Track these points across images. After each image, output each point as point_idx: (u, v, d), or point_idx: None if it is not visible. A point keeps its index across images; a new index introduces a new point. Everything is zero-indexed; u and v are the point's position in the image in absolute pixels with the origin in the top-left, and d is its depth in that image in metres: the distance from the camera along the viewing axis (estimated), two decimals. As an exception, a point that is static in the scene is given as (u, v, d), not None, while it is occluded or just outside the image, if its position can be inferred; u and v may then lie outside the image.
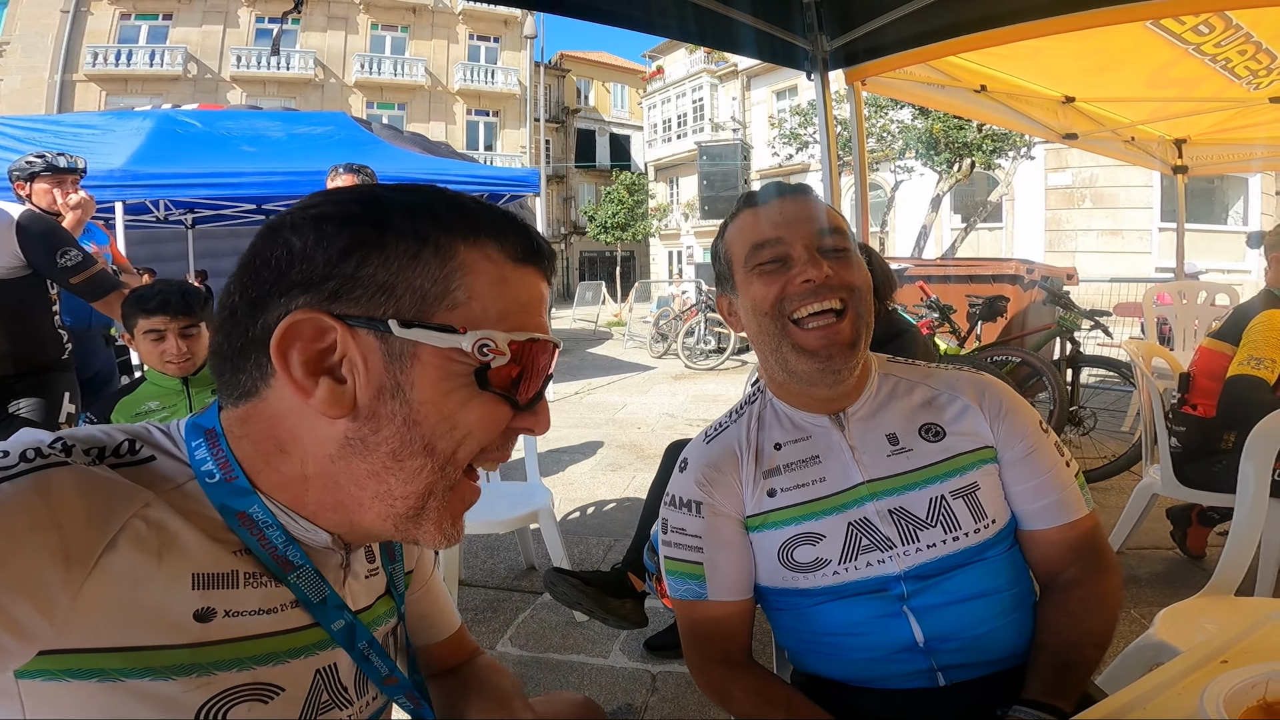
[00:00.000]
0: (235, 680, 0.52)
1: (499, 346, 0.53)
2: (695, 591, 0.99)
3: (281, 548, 0.55)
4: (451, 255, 0.53)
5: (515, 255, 0.56)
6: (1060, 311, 4.03)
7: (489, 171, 8.26)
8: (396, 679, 0.65)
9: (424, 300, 0.52)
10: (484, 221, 0.55)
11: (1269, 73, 2.90)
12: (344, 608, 0.59)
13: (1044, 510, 0.96)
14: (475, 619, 2.38)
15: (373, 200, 0.54)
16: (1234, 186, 15.81)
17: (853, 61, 2.68)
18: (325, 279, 0.51)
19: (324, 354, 0.51)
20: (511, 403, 0.56)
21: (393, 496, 0.54)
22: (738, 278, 0.97)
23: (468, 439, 0.54)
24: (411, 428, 0.52)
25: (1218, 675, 0.65)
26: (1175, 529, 2.69)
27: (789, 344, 0.92)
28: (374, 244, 0.52)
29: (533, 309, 0.57)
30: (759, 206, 0.98)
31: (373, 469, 0.53)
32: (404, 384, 0.52)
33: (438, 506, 0.56)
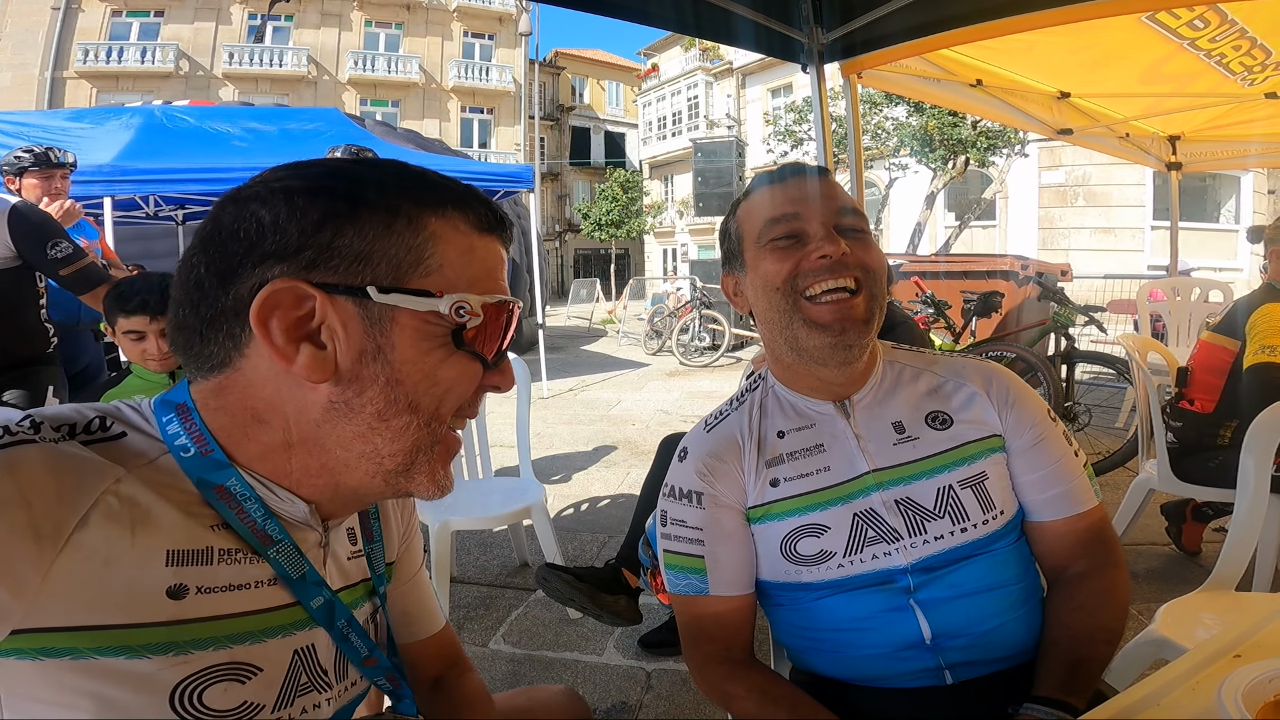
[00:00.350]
0: (212, 659, 0.52)
1: (473, 308, 0.57)
2: (696, 586, 0.96)
3: (260, 521, 0.55)
4: (423, 226, 0.56)
5: (479, 225, 0.59)
6: (1054, 307, 4.03)
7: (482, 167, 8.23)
8: (376, 660, 0.65)
9: (399, 268, 0.54)
10: (449, 195, 0.58)
11: (1264, 68, 2.90)
12: (323, 584, 0.60)
13: (1052, 501, 0.94)
14: (467, 616, 2.35)
15: (342, 173, 0.56)
16: (1226, 185, 15.91)
17: (848, 54, 2.67)
18: (301, 249, 0.53)
19: (303, 321, 0.52)
20: (482, 361, 0.59)
21: (380, 455, 0.56)
22: (748, 254, 0.95)
23: (448, 395, 0.57)
24: (394, 387, 0.55)
25: (1232, 670, 0.63)
26: (1170, 525, 2.68)
27: (800, 319, 0.90)
28: (347, 216, 0.54)
29: (497, 274, 0.60)
30: (775, 184, 0.95)
31: (359, 430, 0.55)
32: (384, 346, 0.54)
33: (427, 460, 0.58)
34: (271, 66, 22.17)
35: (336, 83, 23.15)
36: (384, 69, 23.76)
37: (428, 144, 9.62)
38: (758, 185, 0.98)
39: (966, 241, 14.60)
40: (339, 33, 23.29)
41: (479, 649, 2.16)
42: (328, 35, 23.13)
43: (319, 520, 0.61)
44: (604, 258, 28.45)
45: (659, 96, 26.44)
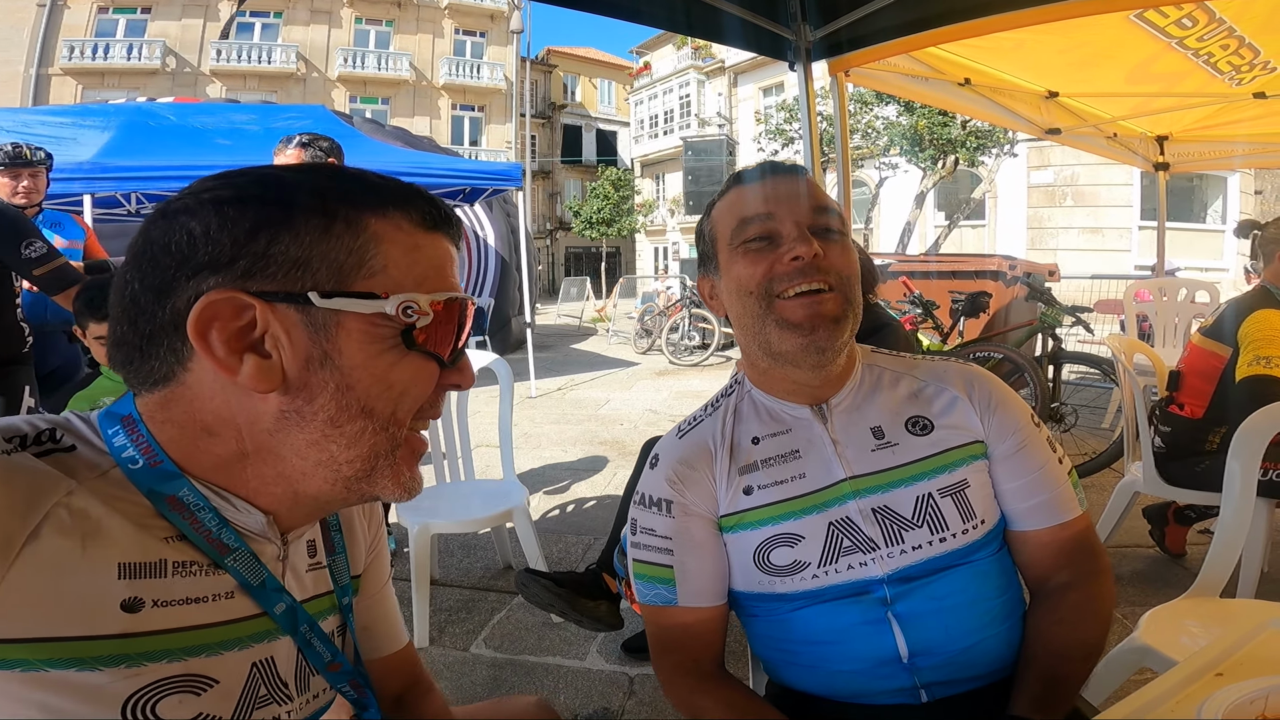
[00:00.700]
0: (166, 671, 0.51)
1: (422, 307, 0.56)
2: (664, 597, 0.93)
3: (216, 530, 0.55)
4: (363, 228, 0.54)
5: (423, 223, 0.58)
6: (1042, 308, 4.03)
7: (471, 165, 8.20)
8: (340, 665, 0.64)
9: (341, 271, 0.53)
10: (389, 195, 0.57)
11: (1251, 68, 2.90)
12: (283, 590, 0.60)
13: (1035, 510, 0.92)
14: (449, 620, 2.33)
15: (272, 181, 0.55)
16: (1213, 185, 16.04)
17: (836, 52, 2.65)
18: (235, 259, 0.51)
19: (244, 331, 0.51)
20: (438, 360, 0.58)
21: (337, 462, 0.55)
22: (722, 256, 0.92)
23: (404, 398, 0.56)
24: (346, 393, 0.54)
25: (1214, 690, 0.61)
26: (1153, 528, 2.67)
27: (773, 320, 0.87)
28: (281, 223, 0.53)
29: (446, 271, 0.59)
30: (748, 183, 0.93)
31: (312, 438, 0.54)
32: (331, 352, 0.53)
33: (388, 464, 0.57)
34: (259, 63, 22.03)
35: (326, 80, 23.02)
36: (374, 66, 23.65)
37: (416, 141, 9.56)
38: (731, 185, 0.95)
39: (956, 241, 14.66)
40: (329, 29, 23.16)
41: (460, 653, 2.13)
42: (317, 32, 22.99)
43: (277, 533, 0.60)
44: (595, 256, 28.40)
45: (651, 95, 26.42)
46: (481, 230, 9.79)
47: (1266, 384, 2.03)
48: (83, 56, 20.17)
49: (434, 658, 2.11)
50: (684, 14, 2.50)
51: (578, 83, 32.70)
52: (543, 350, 9.49)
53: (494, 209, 9.58)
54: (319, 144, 2.36)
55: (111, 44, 20.52)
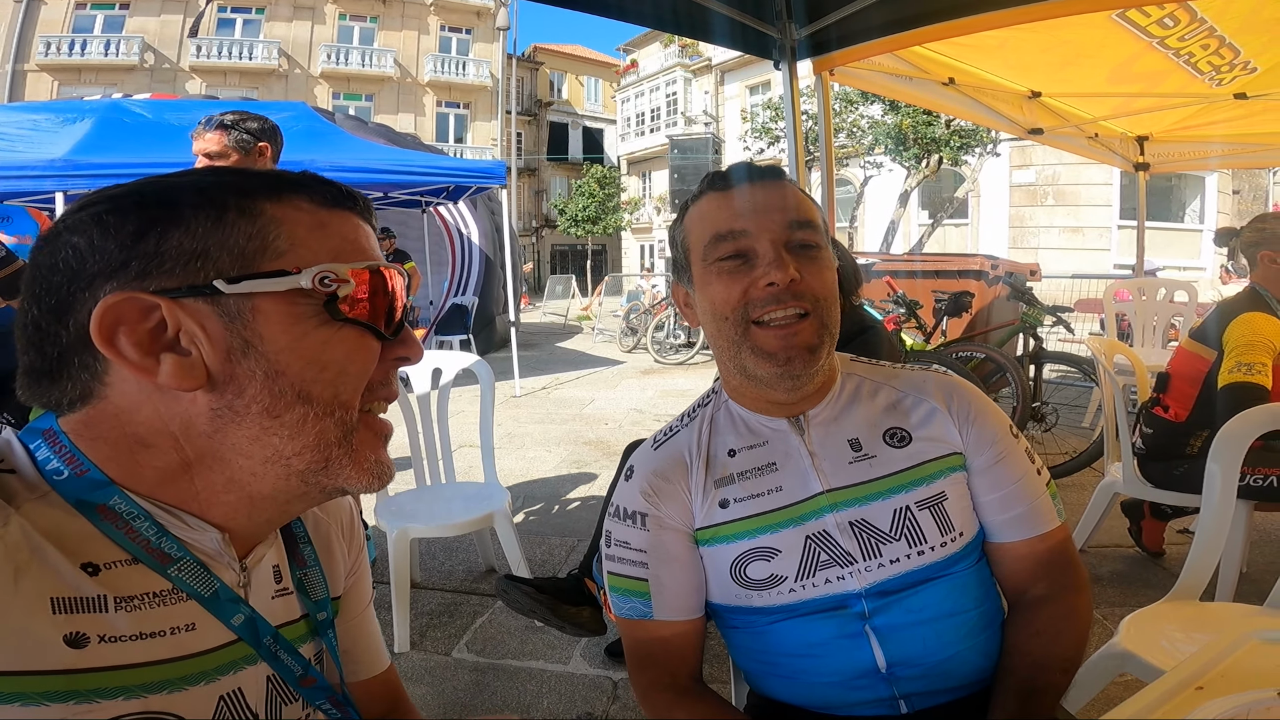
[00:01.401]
0: (123, 709, 0.48)
1: (341, 275, 0.53)
2: (640, 610, 0.91)
3: (155, 540, 0.52)
4: (259, 213, 0.53)
5: (325, 201, 0.56)
6: (1023, 307, 4.05)
7: (454, 163, 8.13)
8: (314, 679, 0.61)
9: (244, 256, 0.51)
10: (282, 181, 0.55)
11: (1231, 69, 2.92)
12: (239, 600, 0.56)
13: (1012, 522, 0.90)
14: (430, 624, 2.30)
15: (149, 187, 0.53)
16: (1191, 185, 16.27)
17: (821, 51, 2.64)
18: (126, 263, 0.50)
19: (156, 332, 0.50)
20: (376, 333, 0.56)
21: (284, 456, 0.53)
22: (695, 270, 0.89)
23: (343, 377, 0.54)
24: (276, 379, 0.51)
25: (1195, 705, 0.59)
26: (1131, 524, 2.69)
27: (748, 347, 0.85)
28: (169, 220, 0.51)
29: (363, 244, 0.57)
30: (723, 191, 0.88)
31: (252, 433, 0.52)
32: (251, 339, 0.51)
33: (344, 452, 0.55)
34: (240, 59, 21.82)
35: (308, 76, 22.81)
36: (358, 62, 23.46)
37: (400, 138, 9.48)
38: (704, 190, 0.91)
39: (940, 240, 14.77)
40: (312, 25, 22.95)
41: (442, 658, 2.11)
42: (300, 28, 22.77)
43: (234, 556, 0.57)
44: (581, 254, 28.34)
45: (638, 93, 26.39)
46: (465, 228, 9.72)
47: (1246, 391, 2.00)
48: (59, 53, 20.01)
49: (415, 662, 2.08)
50: (670, 12, 2.49)
51: (564, 80, 32.61)
52: (527, 349, 9.45)
53: (478, 207, 9.52)
54: (245, 125, 2.07)
55: (89, 40, 20.37)
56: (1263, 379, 2.01)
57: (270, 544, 0.62)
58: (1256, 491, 1.96)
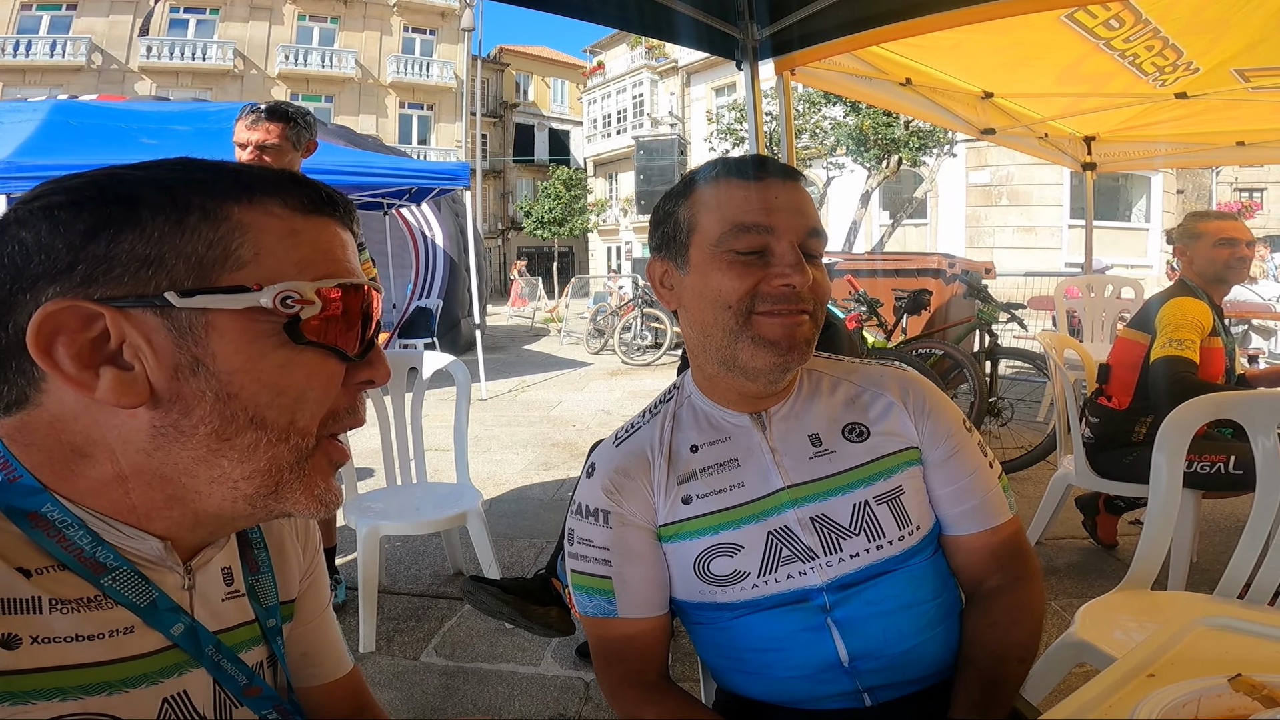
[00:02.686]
0: (59, 710, 0.46)
1: (305, 295, 0.49)
2: (604, 608, 0.91)
3: (89, 549, 0.49)
4: (224, 217, 0.49)
5: (301, 207, 0.52)
6: (979, 305, 4.14)
7: (417, 165, 8.03)
8: (259, 689, 0.59)
9: (202, 266, 0.48)
10: (255, 181, 0.51)
11: (1174, 69, 3.02)
12: (179, 610, 0.54)
13: (966, 515, 0.92)
14: (398, 628, 2.26)
15: (110, 180, 0.49)
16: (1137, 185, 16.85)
17: (782, 51, 2.66)
18: (72, 265, 0.46)
19: (98, 343, 0.46)
20: (340, 355, 0.52)
21: (232, 479, 0.50)
22: (696, 253, 0.85)
23: (302, 403, 0.51)
24: (228, 402, 0.48)
25: (1146, 692, 0.60)
26: (1085, 518, 2.76)
27: (749, 336, 0.83)
28: (124, 221, 0.47)
29: (337, 255, 0.53)
30: (749, 181, 0.84)
31: (198, 455, 0.49)
32: (203, 358, 0.48)
33: (296, 478, 0.52)
34: (193, 60, 21.27)
35: (265, 77, 22.29)
36: (317, 63, 23.01)
37: (360, 140, 9.31)
38: (724, 174, 0.87)
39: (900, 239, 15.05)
40: (269, 26, 22.46)
41: (410, 662, 2.07)
42: (256, 28, 22.27)
43: (178, 560, 0.54)
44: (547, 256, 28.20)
45: (604, 94, 26.38)
46: (429, 230, 9.59)
47: (1176, 363, 2.12)
48: (3, 53, 19.45)
49: (383, 667, 2.05)
50: (635, 12, 2.49)
51: (530, 81, 32.44)
52: (494, 352, 9.37)
53: (442, 209, 9.40)
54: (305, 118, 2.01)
55: (34, 40, 19.79)
56: (1191, 354, 2.13)
57: (220, 546, 0.60)
58: (1203, 479, 2.03)
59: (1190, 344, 2.14)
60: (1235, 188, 18.16)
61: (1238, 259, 2.23)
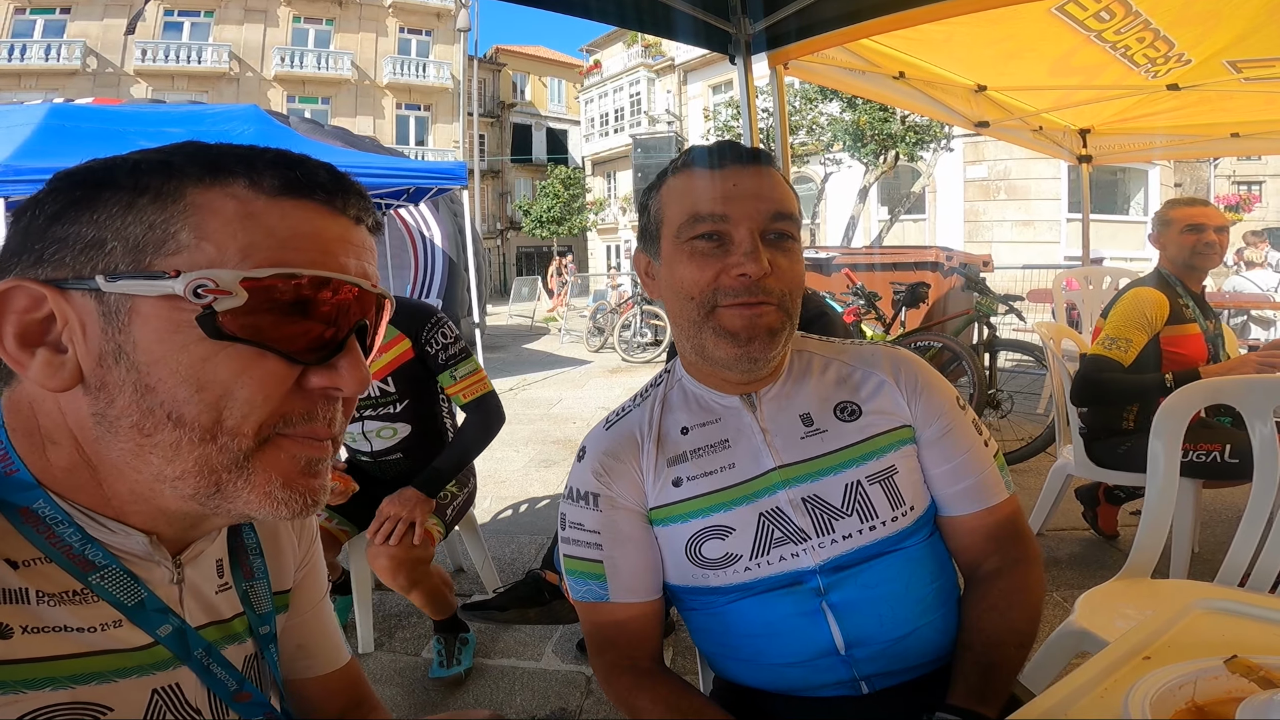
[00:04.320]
0: (50, 699, 0.46)
1: (223, 285, 0.45)
2: (596, 593, 0.91)
3: (77, 546, 0.49)
4: (176, 198, 0.47)
5: (272, 189, 0.48)
6: (977, 297, 4.14)
7: (414, 165, 8.01)
8: (249, 695, 0.58)
9: (139, 250, 0.46)
10: (231, 162, 0.48)
11: (1166, 60, 3.02)
12: (167, 611, 0.53)
13: (962, 494, 0.91)
14: (397, 625, 2.26)
15: (101, 165, 0.49)
16: (1135, 179, 16.82)
17: (775, 45, 2.66)
18: (29, 247, 0.47)
19: (45, 325, 0.46)
20: (282, 355, 0.48)
21: (168, 478, 0.48)
22: (665, 244, 0.87)
23: (228, 401, 0.47)
24: (146, 395, 0.46)
25: (1142, 674, 0.60)
26: (1085, 509, 2.76)
27: (710, 328, 0.84)
28: (85, 203, 0.47)
29: (301, 244, 0.48)
30: (709, 170, 0.86)
31: (129, 448, 0.47)
32: (125, 345, 0.46)
33: (239, 478, 0.48)
34: (189, 63, 21.21)
35: (261, 79, 22.24)
36: (314, 65, 22.95)
37: (357, 141, 9.30)
38: (687, 163, 0.88)
39: (898, 234, 15.02)
40: (264, 29, 22.39)
41: (411, 659, 2.08)
42: (252, 31, 22.20)
43: (166, 554, 0.54)
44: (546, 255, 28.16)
45: (601, 93, 26.29)
46: (428, 230, 9.58)
47: (1097, 363, 2.16)
48: (-2, 57, 19.25)
49: (384, 664, 2.05)
50: (630, 8, 2.49)
51: (527, 81, 32.38)
52: (494, 351, 9.38)
53: (440, 209, 9.39)
54: None
55: (29, 44, 19.71)
56: (1120, 355, 2.15)
57: (212, 539, 0.59)
58: (1201, 468, 2.03)
59: (1124, 343, 2.16)
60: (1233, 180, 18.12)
61: (1205, 244, 2.22)
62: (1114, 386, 2.18)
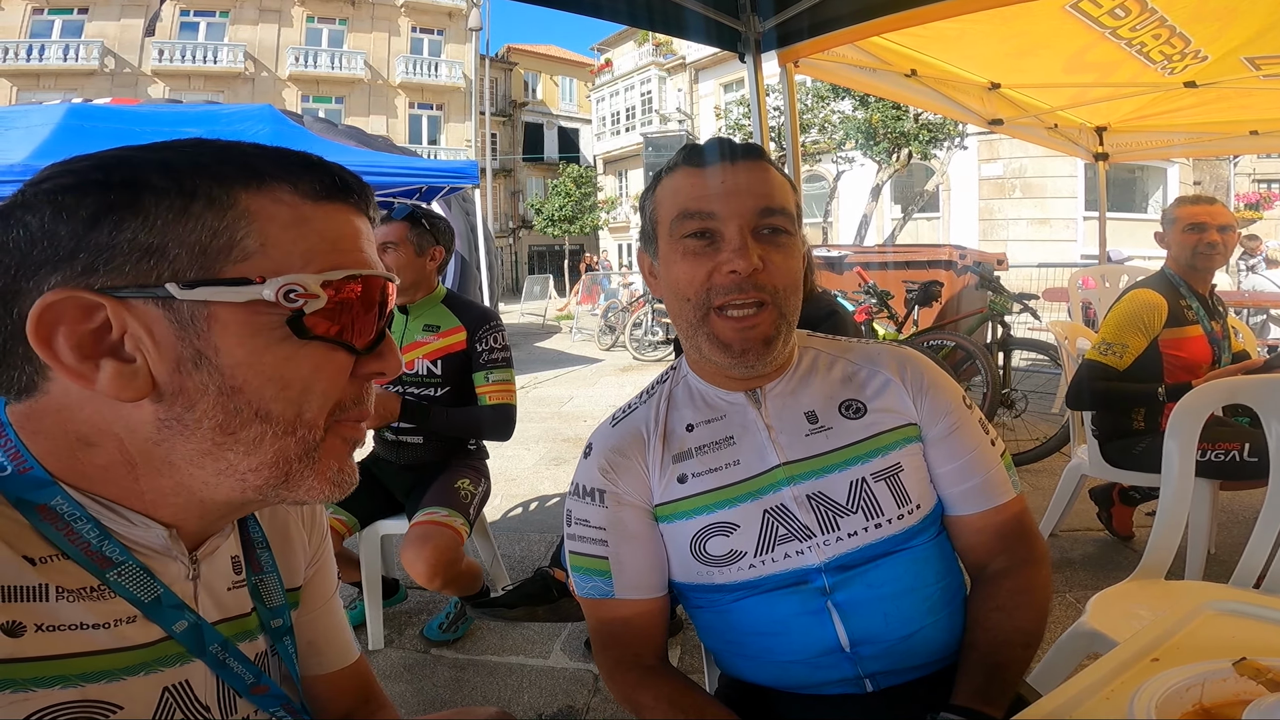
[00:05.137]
0: (59, 697, 0.46)
1: (309, 289, 0.48)
2: (601, 589, 0.91)
3: (95, 542, 0.49)
4: (230, 204, 0.48)
5: (314, 193, 0.51)
6: (991, 295, 4.11)
7: (426, 164, 8.06)
8: (266, 688, 0.58)
9: (206, 256, 0.47)
10: (267, 165, 0.50)
11: (1183, 57, 2.97)
12: (183, 606, 0.54)
13: (969, 494, 0.91)
14: (407, 622, 2.28)
15: (117, 163, 0.48)
16: (1153, 176, 16.60)
17: (785, 43, 2.65)
18: (74, 253, 0.45)
19: (100, 334, 0.46)
20: (347, 348, 0.52)
21: (239, 471, 0.49)
22: (661, 244, 0.88)
23: (308, 395, 0.50)
24: (233, 396, 0.48)
25: (1149, 676, 0.60)
26: (1100, 510, 2.73)
27: (705, 333, 0.85)
28: (127, 207, 0.46)
29: (347, 245, 0.52)
30: (697, 168, 0.86)
31: (204, 448, 0.48)
32: (206, 351, 0.47)
33: (307, 466, 0.51)
34: (205, 63, 21.41)
35: (276, 79, 22.42)
36: (327, 65, 23.12)
37: (371, 140, 9.35)
38: (679, 163, 0.89)
39: (912, 233, 14.92)
40: (279, 29, 22.57)
41: (420, 654, 2.10)
42: (266, 31, 22.39)
43: (184, 549, 0.54)
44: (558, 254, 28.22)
45: (612, 92, 26.30)
46: (439, 229, 9.60)
47: (1091, 370, 2.12)
48: (17, 58, 19.53)
49: (394, 660, 2.07)
50: (642, 7, 2.50)
51: (539, 80, 32.43)
52: (505, 350, 9.36)
53: (453, 207, 9.43)
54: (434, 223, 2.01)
55: (47, 45, 19.90)
56: (1114, 361, 2.11)
57: (226, 535, 0.59)
58: (1217, 468, 2.00)
59: (1119, 348, 2.13)
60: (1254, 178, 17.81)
61: (1206, 244, 2.17)
62: (1106, 394, 2.16)
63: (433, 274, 2.04)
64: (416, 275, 1.98)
